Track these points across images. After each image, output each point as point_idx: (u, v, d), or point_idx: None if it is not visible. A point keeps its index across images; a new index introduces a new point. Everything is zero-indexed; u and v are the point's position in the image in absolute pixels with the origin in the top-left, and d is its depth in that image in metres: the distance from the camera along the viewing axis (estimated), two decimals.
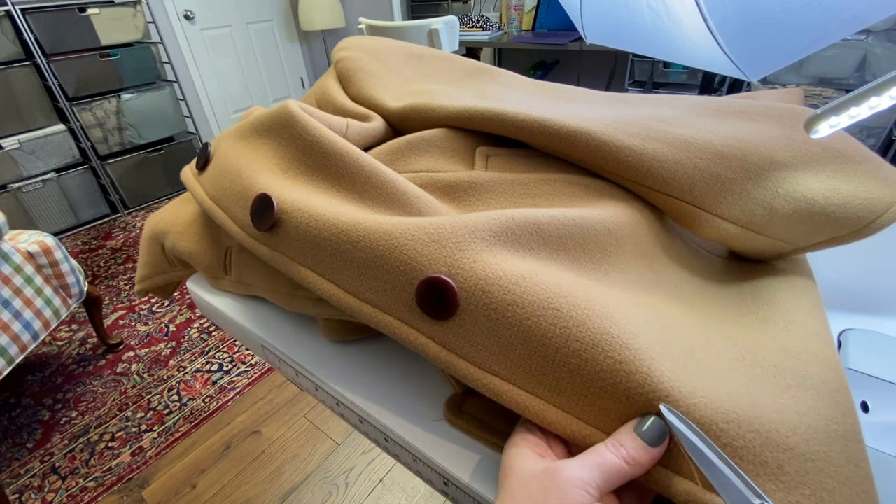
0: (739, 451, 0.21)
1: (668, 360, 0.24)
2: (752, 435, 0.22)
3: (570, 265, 0.30)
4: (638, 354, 0.24)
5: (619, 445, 0.21)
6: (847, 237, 0.33)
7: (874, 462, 0.23)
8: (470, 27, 2.58)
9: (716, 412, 0.22)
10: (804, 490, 0.21)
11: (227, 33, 3.00)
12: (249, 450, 1.21)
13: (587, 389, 0.24)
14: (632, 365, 0.23)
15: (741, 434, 0.22)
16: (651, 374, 0.23)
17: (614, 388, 0.23)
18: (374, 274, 0.29)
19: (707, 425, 0.22)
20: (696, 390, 0.23)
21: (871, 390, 0.32)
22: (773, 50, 0.73)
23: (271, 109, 0.42)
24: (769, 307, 0.31)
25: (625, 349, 0.24)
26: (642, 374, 0.23)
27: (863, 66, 1.53)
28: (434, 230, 0.29)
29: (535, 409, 0.24)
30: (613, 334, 0.24)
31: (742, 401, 0.23)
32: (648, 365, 0.23)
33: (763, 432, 0.22)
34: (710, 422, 0.22)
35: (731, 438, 0.21)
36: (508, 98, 0.51)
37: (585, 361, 0.24)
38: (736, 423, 0.22)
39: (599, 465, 0.20)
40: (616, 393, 0.23)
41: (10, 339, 1.12)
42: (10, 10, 1.89)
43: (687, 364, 0.25)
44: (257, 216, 0.35)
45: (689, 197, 0.35)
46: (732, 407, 0.23)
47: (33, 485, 1.14)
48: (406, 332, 0.28)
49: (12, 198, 2.03)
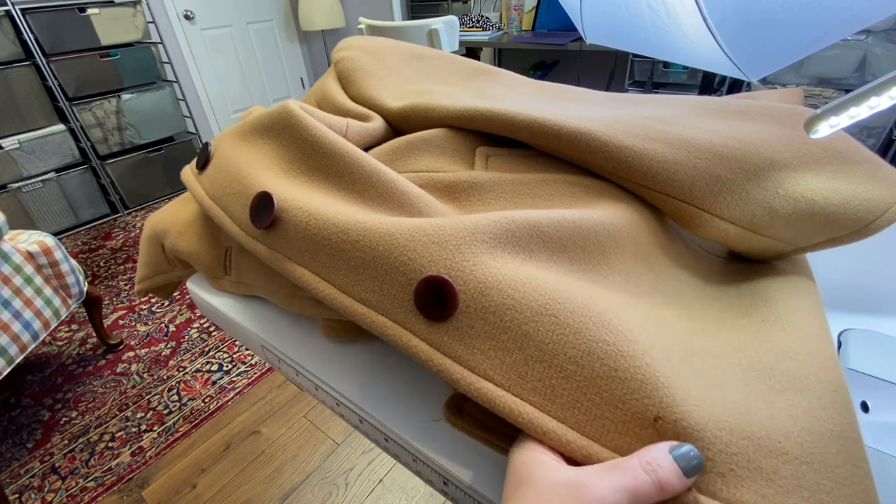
0: (733, 457, 0.21)
1: (663, 366, 0.24)
2: (745, 442, 0.22)
3: (570, 268, 0.30)
4: (633, 362, 0.24)
5: (653, 466, 0.19)
6: (847, 237, 0.33)
7: (874, 462, 0.23)
8: (470, 27, 2.58)
9: (708, 419, 0.22)
10: (803, 493, 0.21)
11: (226, 33, 3.00)
12: (249, 450, 1.21)
13: (583, 395, 0.24)
14: (627, 372, 0.23)
15: (734, 441, 0.22)
16: (646, 381, 0.23)
17: (610, 395, 0.23)
18: (372, 274, 0.29)
19: (700, 432, 0.22)
20: (689, 397, 0.23)
21: (871, 390, 0.33)
22: (773, 50, 0.73)
23: (271, 109, 0.42)
24: (768, 308, 0.31)
25: (620, 357, 0.24)
26: (637, 380, 0.23)
27: (863, 66, 1.53)
28: (434, 231, 0.29)
29: (529, 417, 0.24)
30: (609, 342, 0.24)
31: (735, 408, 0.23)
32: (643, 372, 0.23)
33: (755, 439, 0.22)
34: (703, 429, 0.22)
35: (724, 445, 0.22)
36: (508, 98, 0.51)
37: (581, 367, 0.24)
38: (728, 430, 0.22)
39: (630, 490, 0.18)
40: (612, 399, 0.23)
41: (9, 339, 1.12)
42: (10, 10, 1.89)
43: (682, 370, 0.25)
44: (257, 214, 0.35)
45: (689, 197, 0.35)
46: (725, 415, 0.23)
47: (33, 485, 1.14)
48: (399, 334, 0.27)
49: (12, 198, 2.03)
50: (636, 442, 0.22)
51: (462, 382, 0.25)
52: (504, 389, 0.25)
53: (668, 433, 0.22)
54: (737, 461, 0.21)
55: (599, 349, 0.24)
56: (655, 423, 0.22)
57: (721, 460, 0.21)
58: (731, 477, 0.21)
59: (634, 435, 0.23)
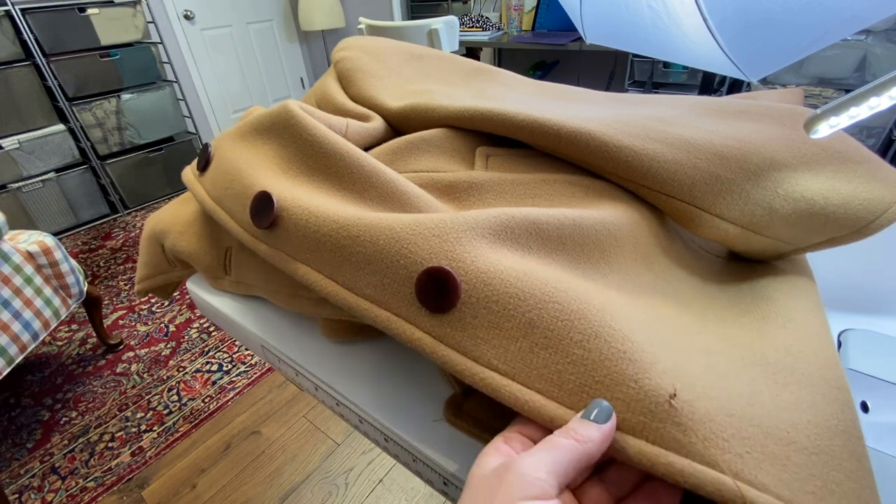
0: (746, 441, 0.21)
1: (667, 355, 0.24)
2: (754, 429, 0.21)
3: (569, 265, 0.30)
4: (640, 346, 0.23)
5: (567, 429, 0.21)
6: (847, 237, 0.33)
7: (874, 462, 0.23)
8: (470, 27, 2.58)
9: (718, 407, 0.22)
10: (815, 482, 0.20)
11: (226, 33, 3.00)
12: (249, 450, 1.21)
13: (591, 378, 0.23)
14: (636, 354, 0.23)
15: (743, 427, 0.21)
16: (657, 362, 0.23)
17: (621, 374, 0.23)
18: (373, 268, 0.29)
19: (710, 419, 0.21)
20: (695, 385, 0.23)
21: (871, 390, 0.33)
22: (773, 50, 0.73)
23: (271, 109, 0.42)
24: (768, 306, 0.31)
25: (627, 341, 0.24)
26: (647, 361, 0.23)
27: (863, 66, 1.53)
28: (434, 225, 0.29)
29: (535, 405, 0.23)
30: (615, 327, 0.24)
31: (741, 399, 0.23)
32: (651, 357, 0.23)
33: (764, 427, 0.21)
34: (713, 416, 0.21)
35: (736, 430, 0.21)
36: (508, 98, 0.51)
37: (588, 351, 0.23)
38: (738, 416, 0.22)
39: (548, 449, 0.20)
40: (623, 379, 0.22)
41: (9, 339, 1.12)
42: (10, 10, 1.89)
43: (686, 362, 0.25)
44: (257, 214, 0.35)
45: (689, 197, 0.35)
46: (732, 404, 0.22)
47: (33, 485, 1.14)
48: (403, 327, 0.27)
49: (12, 198, 2.03)
50: (652, 421, 0.21)
51: (466, 373, 0.25)
52: (509, 378, 0.24)
53: (684, 411, 0.21)
54: (751, 444, 0.21)
55: (606, 332, 0.24)
56: (671, 400, 0.21)
57: (736, 443, 0.21)
58: (748, 459, 0.20)
59: (650, 413, 0.21)
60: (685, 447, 0.20)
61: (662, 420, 0.21)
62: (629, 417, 0.22)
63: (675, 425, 0.21)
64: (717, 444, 0.20)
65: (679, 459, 0.20)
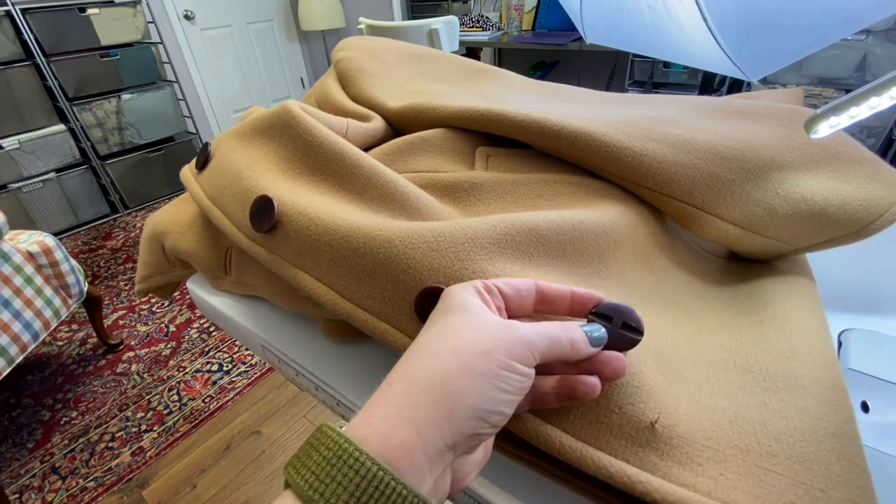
0: (721, 464, 0.22)
1: (655, 375, 0.25)
2: (733, 450, 0.23)
3: (569, 271, 0.30)
4: (630, 369, 0.25)
5: (566, 328, 0.23)
6: (846, 238, 0.33)
7: (874, 462, 0.23)
8: (470, 27, 2.58)
9: (696, 430, 0.23)
10: (797, 490, 0.21)
11: (226, 33, 3.00)
12: (249, 450, 1.21)
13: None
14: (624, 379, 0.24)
15: (721, 450, 0.23)
16: (641, 387, 0.24)
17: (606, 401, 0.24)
18: (373, 281, 0.29)
19: (689, 442, 0.23)
20: (679, 407, 0.24)
21: (871, 390, 0.33)
22: (773, 50, 0.73)
23: (272, 110, 0.42)
24: (767, 308, 0.31)
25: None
26: (633, 386, 0.24)
27: (863, 66, 1.53)
28: (433, 238, 0.29)
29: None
30: None
31: (725, 415, 0.24)
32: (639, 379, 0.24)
33: (743, 447, 0.23)
34: (692, 440, 0.23)
35: (712, 453, 0.23)
36: (508, 98, 0.51)
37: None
38: (716, 440, 0.23)
39: (549, 337, 0.22)
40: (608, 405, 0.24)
41: (10, 339, 1.12)
42: (10, 10, 1.89)
43: (673, 379, 0.26)
44: (257, 217, 0.35)
45: (689, 198, 0.35)
46: (713, 425, 0.24)
47: (33, 485, 1.14)
48: (402, 341, 0.28)
49: (12, 198, 2.03)
50: (633, 445, 0.23)
51: None
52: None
53: (664, 437, 0.23)
54: (726, 466, 0.22)
55: None
56: (653, 426, 0.23)
57: (711, 466, 0.22)
58: (722, 480, 0.22)
59: (631, 438, 0.23)
60: (660, 469, 0.22)
61: (642, 445, 0.23)
62: (611, 441, 0.23)
63: (653, 450, 0.23)
64: (692, 468, 0.22)
65: (655, 479, 0.22)
